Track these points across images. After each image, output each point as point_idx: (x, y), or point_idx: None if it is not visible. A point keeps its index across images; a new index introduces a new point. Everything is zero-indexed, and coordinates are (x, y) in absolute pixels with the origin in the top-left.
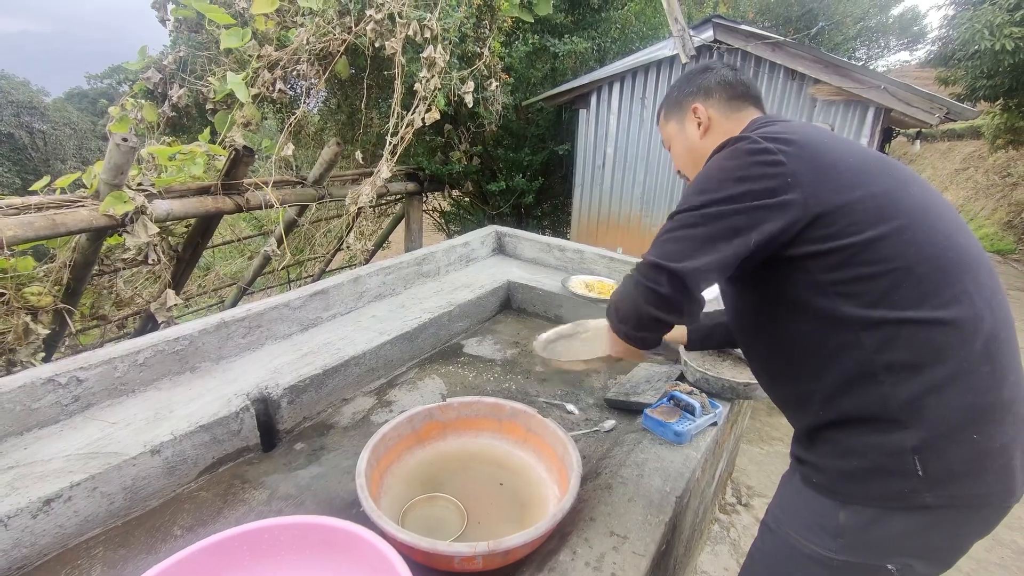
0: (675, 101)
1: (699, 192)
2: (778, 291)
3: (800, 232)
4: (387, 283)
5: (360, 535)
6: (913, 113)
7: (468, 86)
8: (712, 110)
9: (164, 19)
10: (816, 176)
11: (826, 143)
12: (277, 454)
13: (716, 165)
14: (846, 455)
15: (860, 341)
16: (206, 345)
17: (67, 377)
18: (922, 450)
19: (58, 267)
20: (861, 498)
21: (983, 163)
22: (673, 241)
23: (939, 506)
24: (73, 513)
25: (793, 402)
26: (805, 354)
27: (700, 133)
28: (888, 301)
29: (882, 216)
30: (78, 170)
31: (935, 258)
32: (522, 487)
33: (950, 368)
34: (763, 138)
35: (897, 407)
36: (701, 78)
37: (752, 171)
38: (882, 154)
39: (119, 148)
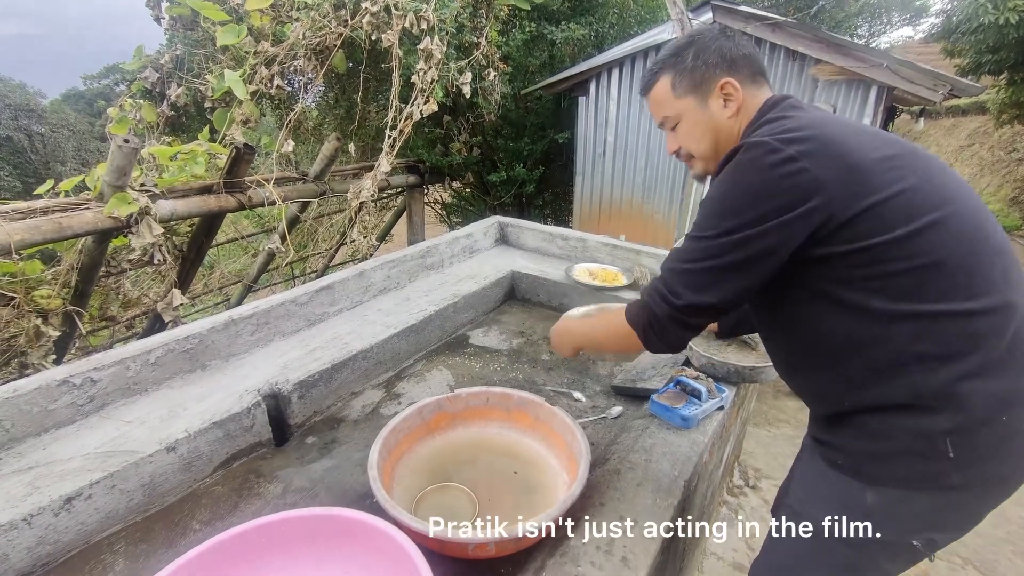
0: (693, 71)
1: (722, 214)
2: (803, 286)
3: (830, 234)
4: (392, 276)
5: (375, 525)
6: (916, 91)
7: (466, 77)
8: (742, 86)
9: (159, 17)
10: (841, 180)
11: (847, 139)
12: (289, 448)
13: (736, 181)
14: (875, 438)
15: (890, 334)
16: (216, 343)
17: (81, 378)
18: (954, 433)
19: (65, 270)
20: (889, 479)
21: (988, 139)
22: (707, 272)
23: (964, 485)
24: (94, 510)
25: (816, 390)
26: (832, 346)
27: (732, 111)
28: (919, 295)
29: (910, 214)
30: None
31: (965, 250)
32: (532, 475)
33: (981, 357)
34: (781, 141)
35: (929, 395)
36: (724, 46)
37: (776, 185)
38: (903, 141)
39: (121, 150)
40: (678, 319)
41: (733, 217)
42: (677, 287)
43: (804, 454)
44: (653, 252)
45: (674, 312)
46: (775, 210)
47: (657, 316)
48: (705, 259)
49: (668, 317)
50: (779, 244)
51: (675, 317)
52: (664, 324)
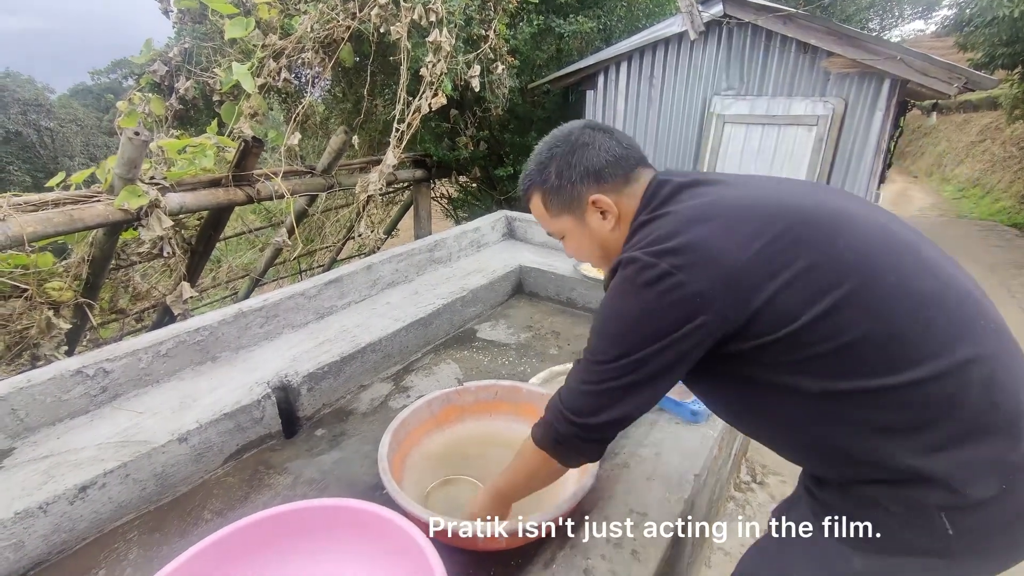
0: (559, 191)
1: (611, 340)
2: (734, 377)
3: (732, 336)
4: (400, 270)
5: (387, 516)
6: (931, 84)
7: (474, 70)
8: (612, 195)
9: (167, 10)
10: (725, 287)
11: (723, 235)
12: (299, 440)
13: (616, 307)
14: (864, 505)
15: (842, 410)
16: (226, 335)
17: (94, 369)
18: (948, 509)
19: (77, 262)
20: (878, 548)
21: (1000, 135)
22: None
23: (963, 553)
24: (108, 499)
25: (793, 460)
26: (790, 428)
27: (611, 224)
28: (857, 372)
29: (814, 295)
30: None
31: (892, 315)
32: None
33: (950, 426)
34: (653, 255)
35: (904, 469)
36: (585, 157)
37: (655, 303)
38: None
39: (131, 142)
40: (583, 437)
41: (622, 343)
42: (580, 406)
43: (792, 496)
44: None
45: (578, 431)
46: (663, 329)
47: (563, 435)
48: (603, 381)
49: (575, 436)
50: (677, 359)
51: (580, 435)
52: (572, 442)
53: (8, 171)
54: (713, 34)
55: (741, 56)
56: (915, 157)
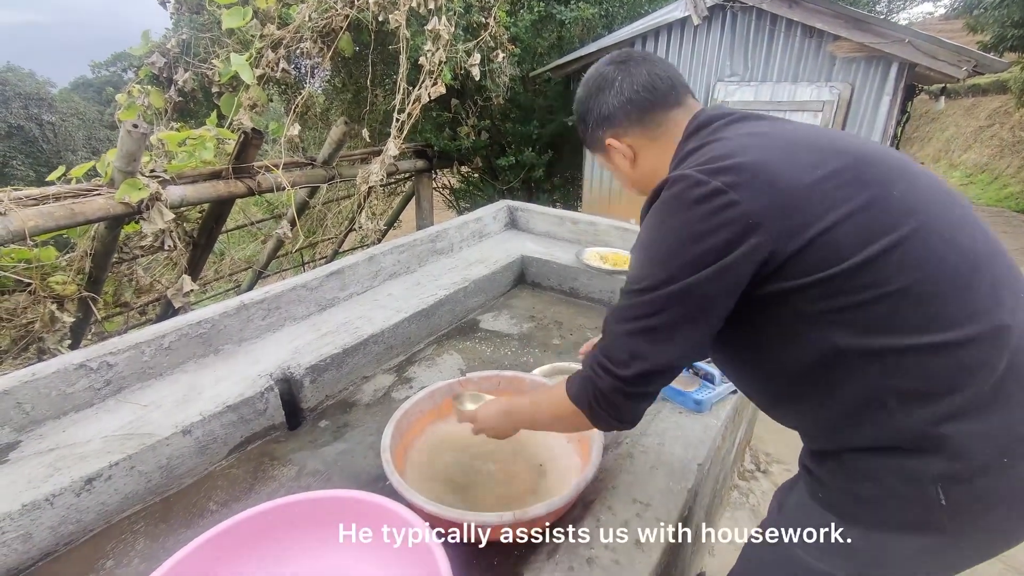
0: (586, 134)
1: (653, 262)
2: (762, 325)
3: (775, 271)
4: (402, 261)
5: (390, 508)
6: (939, 67)
7: (474, 58)
8: (628, 138)
9: (164, 1)
10: (779, 210)
11: (779, 156)
12: (302, 432)
13: (662, 223)
14: (859, 478)
15: (864, 370)
16: (228, 328)
17: (98, 362)
18: (946, 480)
19: (79, 256)
20: (873, 523)
21: (1009, 119)
22: (649, 332)
23: (958, 532)
24: (114, 491)
25: (797, 427)
26: (804, 385)
27: (628, 164)
28: (889, 327)
29: (864, 238)
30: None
31: (936, 271)
32: (544, 458)
33: (970, 393)
34: (707, 173)
35: (912, 436)
36: (599, 103)
37: (705, 223)
38: (857, 144)
39: (131, 135)
40: (626, 392)
41: (664, 266)
42: (619, 353)
43: (791, 479)
44: None
45: (620, 384)
46: (709, 252)
47: (601, 390)
48: (643, 317)
49: (614, 390)
50: (723, 290)
51: (622, 390)
52: (611, 399)
53: (11, 166)
54: (717, 19)
55: (745, 41)
56: (922, 143)
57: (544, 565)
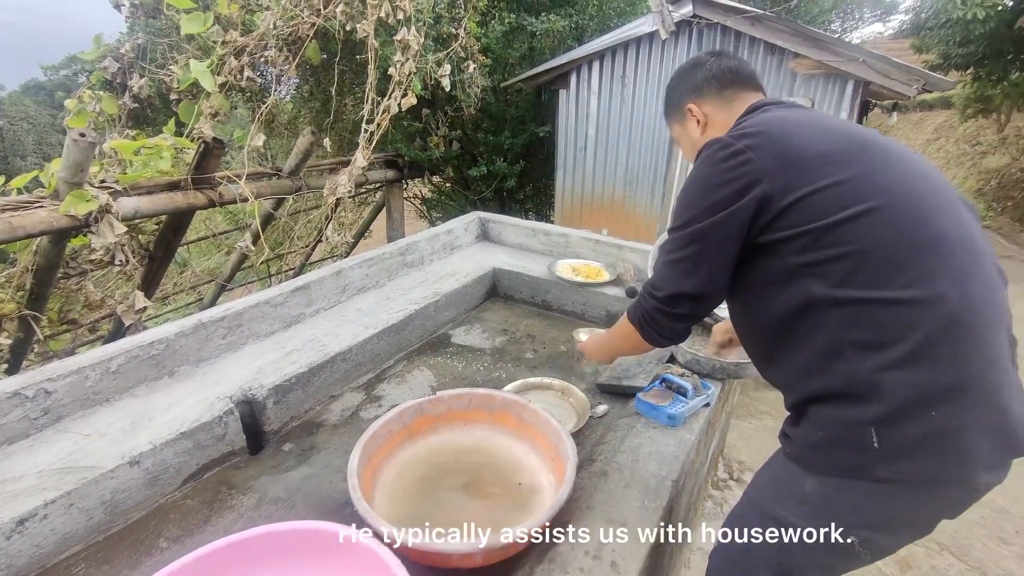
0: (673, 104)
1: (685, 207)
2: (756, 276)
3: (771, 220)
4: (370, 275)
5: (356, 539)
6: (891, 85)
7: (444, 69)
8: (707, 106)
9: (119, 4)
10: (782, 167)
11: (797, 132)
12: (265, 456)
13: (694, 175)
14: (814, 427)
15: (829, 319)
16: (184, 348)
17: (34, 390)
18: (878, 423)
19: (19, 272)
20: (824, 468)
21: (954, 132)
22: (678, 263)
23: (894, 480)
24: (50, 531)
25: (782, 381)
26: (785, 334)
27: (700, 130)
28: (852, 281)
29: (847, 201)
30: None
31: (898, 240)
32: (517, 478)
33: (909, 346)
34: (735, 137)
35: (859, 383)
36: (691, 76)
37: (725, 175)
38: (866, 134)
39: (77, 144)
40: (663, 311)
41: (692, 208)
42: (658, 280)
43: (777, 450)
44: (636, 247)
45: (659, 304)
46: (725, 198)
47: (647, 310)
48: (676, 250)
49: (655, 309)
50: (733, 230)
51: (660, 309)
52: (654, 316)
53: None
54: (684, 34)
55: None
56: None
57: None
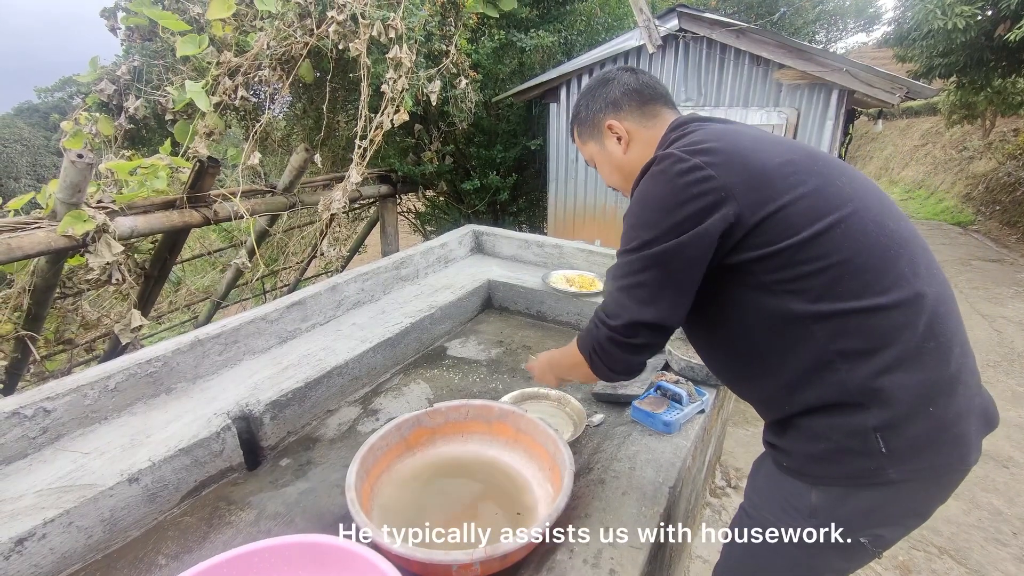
0: (586, 120)
1: (639, 227)
2: (727, 296)
3: (740, 241)
4: (366, 289)
5: (353, 551)
6: (875, 94)
7: (434, 85)
8: (627, 122)
9: (115, 27)
10: (747, 185)
11: (750, 147)
12: (262, 472)
13: (647, 192)
14: (813, 439)
15: (813, 334)
16: (181, 365)
17: (33, 409)
18: (883, 428)
19: (17, 292)
20: (829, 478)
21: (940, 138)
22: (635, 289)
23: (903, 480)
24: (49, 551)
25: (759, 398)
26: (763, 352)
27: (623, 148)
28: (833, 294)
29: (814, 215)
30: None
31: (870, 247)
32: (515, 488)
33: (898, 350)
34: (687, 152)
35: (855, 391)
36: (605, 91)
37: (684, 193)
38: (801, 147)
39: (75, 165)
40: (617, 341)
41: (649, 229)
42: (611, 307)
43: (758, 458)
44: None
45: (612, 334)
46: (688, 219)
47: (599, 340)
48: (631, 274)
49: (608, 340)
50: (697, 253)
51: (613, 339)
52: (605, 348)
53: None
54: (671, 48)
55: (698, 69)
56: (864, 161)
57: None
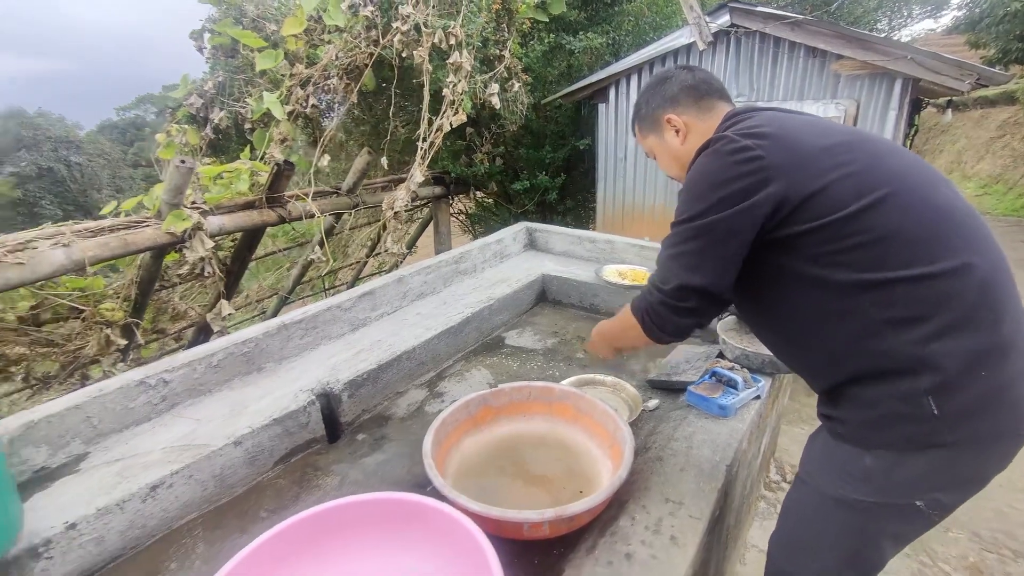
0: (646, 116)
1: (691, 200)
2: (777, 269)
3: (788, 216)
4: (428, 282)
5: (438, 508)
6: (942, 81)
7: (492, 88)
8: (685, 116)
9: (201, 47)
10: (794, 165)
11: (800, 130)
12: (342, 444)
13: (701, 169)
14: (866, 406)
15: (861, 303)
16: (269, 347)
17: (155, 379)
18: (935, 392)
19: (127, 284)
20: (883, 443)
21: (1020, 129)
22: (684, 256)
23: (956, 442)
24: (175, 498)
25: (810, 368)
26: (813, 322)
27: (680, 140)
28: (882, 264)
29: (862, 190)
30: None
31: (918, 219)
32: (577, 463)
33: (947, 317)
34: (740, 135)
35: (904, 358)
36: (663, 89)
37: (735, 170)
38: (853, 131)
39: (178, 170)
40: (668, 304)
41: (701, 202)
42: (663, 273)
43: (816, 432)
44: None
45: (663, 297)
46: (736, 193)
47: (651, 303)
48: (681, 243)
49: (659, 303)
50: (743, 226)
51: (665, 303)
52: (657, 311)
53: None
54: (721, 43)
55: (750, 63)
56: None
57: (584, 561)
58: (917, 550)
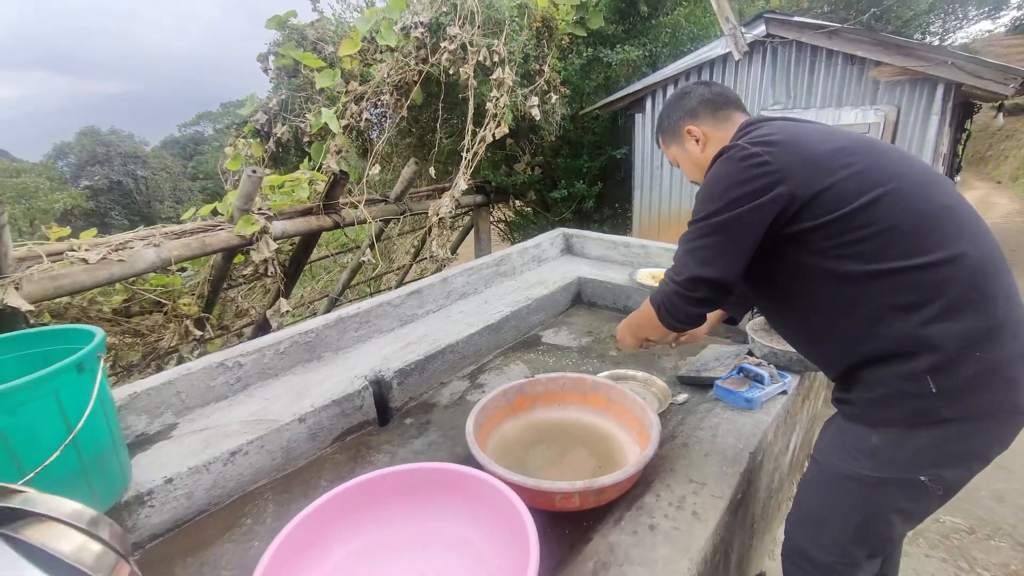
0: (669, 128)
1: (706, 201)
2: (792, 265)
3: (797, 213)
4: (471, 282)
5: (480, 476)
6: (984, 86)
7: (533, 101)
8: (704, 126)
9: (266, 68)
10: (802, 167)
11: (808, 136)
12: (391, 427)
13: (715, 174)
14: (873, 387)
15: (867, 292)
16: (328, 337)
17: (232, 362)
18: (933, 371)
19: (201, 282)
20: (888, 420)
21: None
22: (698, 251)
23: (955, 419)
24: (249, 465)
25: (825, 356)
26: (826, 313)
27: (700, 148)
28: (885, 255)
29: (865, 187)
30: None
31: (917, 213)
32: (607, 447)
33: (943, 302)
34: (750, 143)
35: (906, 340)
36: (684, 103)
37: (745, 174)
38: (864, 136)
39: (250, 179)
40: (681, 294)
41: (715, 203)
42: (678, 266)
43: (831, 418)
44: None
45: (677, 288)
46: (747, 194)
47: (666, 293)
48: (696, 239)
49: (673, 293)
50: (753, 224)
51: (678, 292)
52: (672, 300)
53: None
54: (758, 53)
55: (787, 72)
56: (998, 161)
57: (611, 530)
58: (955, 555)
